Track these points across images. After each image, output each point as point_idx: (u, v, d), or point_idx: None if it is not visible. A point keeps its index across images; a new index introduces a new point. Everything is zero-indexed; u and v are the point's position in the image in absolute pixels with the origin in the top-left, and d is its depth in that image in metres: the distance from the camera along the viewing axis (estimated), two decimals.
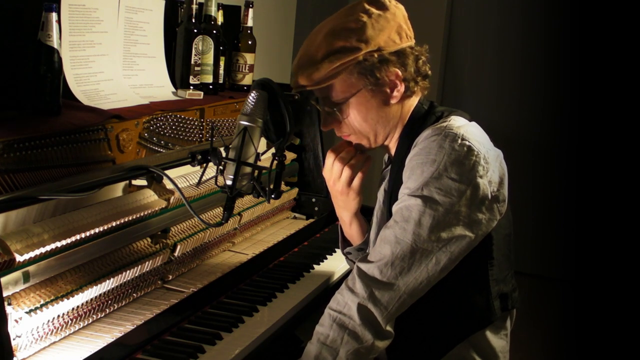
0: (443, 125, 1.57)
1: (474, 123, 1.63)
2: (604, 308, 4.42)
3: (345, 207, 1.81)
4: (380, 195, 1.77)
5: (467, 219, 1.51)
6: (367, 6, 1.61)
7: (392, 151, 1.70)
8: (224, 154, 1.59)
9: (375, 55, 1.57)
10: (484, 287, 1.62)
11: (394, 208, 1.56)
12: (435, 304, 1.59)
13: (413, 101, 1.68)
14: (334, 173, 1.74)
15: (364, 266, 1.52)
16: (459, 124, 1.58)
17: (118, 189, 1.72)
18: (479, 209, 1.52)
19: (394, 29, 1.60)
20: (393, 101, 1.63)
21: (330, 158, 1.74)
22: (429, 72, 1.67)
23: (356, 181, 1.75)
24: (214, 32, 2.16)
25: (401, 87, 1.61)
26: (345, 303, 1.51)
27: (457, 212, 1.50)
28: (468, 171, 1.51)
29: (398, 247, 1.50)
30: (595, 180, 4.61)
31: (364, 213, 1.87)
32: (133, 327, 1.54)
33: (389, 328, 1.51)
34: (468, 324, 1.63)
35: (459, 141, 1.52)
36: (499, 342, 1.67)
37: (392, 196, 1.64)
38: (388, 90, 1.61)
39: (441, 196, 1.49)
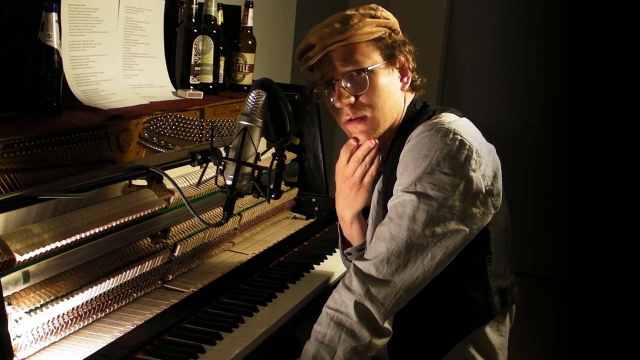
0: (434, 121, 1.59)
1: (465, 118, 1.65)
2: (603, 308, 4.42)
3: (350, 205, 1.81)
4: (375, 196, 1.77)
5: (462, 213, 1.51)
6: (366, 6, 1.71)
7: (385, 151, 1.71)
8: (224, 154, 1.59)
9: (400, 35, 1.68)
10: (483, 283, 1.62)
11: (389, 204, 1.57)
12: (435, 301, 1.60)
13: (409, 100, 1.71)
14: (349, 168, 1.75)
15: (360, 264, 1.52)
16: (450, 119, 1.60)
17: (118, 189, 1.72)
18: (473, 203, 1.52)
19: (395, 24, 1.71)
20: (403, 88, 1.70)
21: (345, 153, 1.75)
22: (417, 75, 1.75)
23: (367, 178, 1.75)
24: (214, 32, 2.17)
25: (409, 75, 1.70)
26: (342, 301, 1.51)
27: (451, 206, 1.50)
28: (461, 165, 1.51)
29: (393, 244, 1.50)
30: (595, 180, 4.61)
31: (363, 213, 1.86)
32: (133, 327, 1.54)
33: (386, 325, 1.51)
34: (469, 320, 1.63)
35: (451, 136, 1.53)
36: (498, 339, 1.67)
37: (386, 195, 1.64)
38: (398, 76, 1.69)
39: (434, 191, 1.50)
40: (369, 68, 1.63)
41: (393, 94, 1.67)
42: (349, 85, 1.63)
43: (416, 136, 1.57)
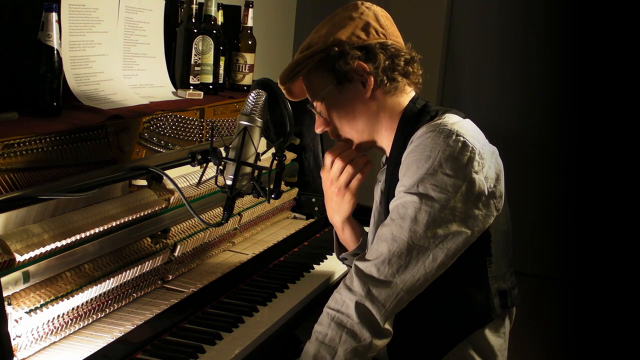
0: (437, 122, 1.57)
1: (468, 120, 1.64)
2: (603, 308, 4.42)
3: (338, 210, 1.80)
4: (377, 196, 1.77)
5: (463, 215, 1.51)
6: (338, 10, 1.70)
7: (387, 152, 1.70)
8: (224, 154, 1.59)
9: (336, 49, 1.62)
10: (483, 285, 1.62)
11: (391, 205, 1.56)
12: (435, 303, 1.59)
13: (399, 99, 1.68)
14: (333, 173, 1.74)
15: (361, 264, 1.52)
16: (453, 120, 1.59)
17: (118, 189, 1.72)
18: (475, 204, 1.52)
19: (359, 26, 1.64)
20: (367, 95, 1.64)
21: (329, 158, 1.74)
22: (411, 70, 1.67)
23: (354, 183, 1.74)
24: (214, 32, 2.17)
25: (370, 81, 1.63)
26: (343, 301, 1.51)
27: (453, 208, 1.50)
28: (463, 167, 1.51)
29: (395, 245, 1.50)
30: (595, 180, 4.61)
31: (360, 213, 1.86)
32: (133, 327, 1.54)
33: (387, 326, 1.51)
34: (468, 321, 1.63)
35: (454, 137, 1.52)
36: (497, 340, 1.67)
37: (388, 196, 1.64)
38: (360, 86, 1.64)
39: (437, 192, 1.49)
40: (320, 97, 1.67)
41: (353, 110, 1.66)
42: (318, 112, 1.70)
43: (419, 137, 1.56)
